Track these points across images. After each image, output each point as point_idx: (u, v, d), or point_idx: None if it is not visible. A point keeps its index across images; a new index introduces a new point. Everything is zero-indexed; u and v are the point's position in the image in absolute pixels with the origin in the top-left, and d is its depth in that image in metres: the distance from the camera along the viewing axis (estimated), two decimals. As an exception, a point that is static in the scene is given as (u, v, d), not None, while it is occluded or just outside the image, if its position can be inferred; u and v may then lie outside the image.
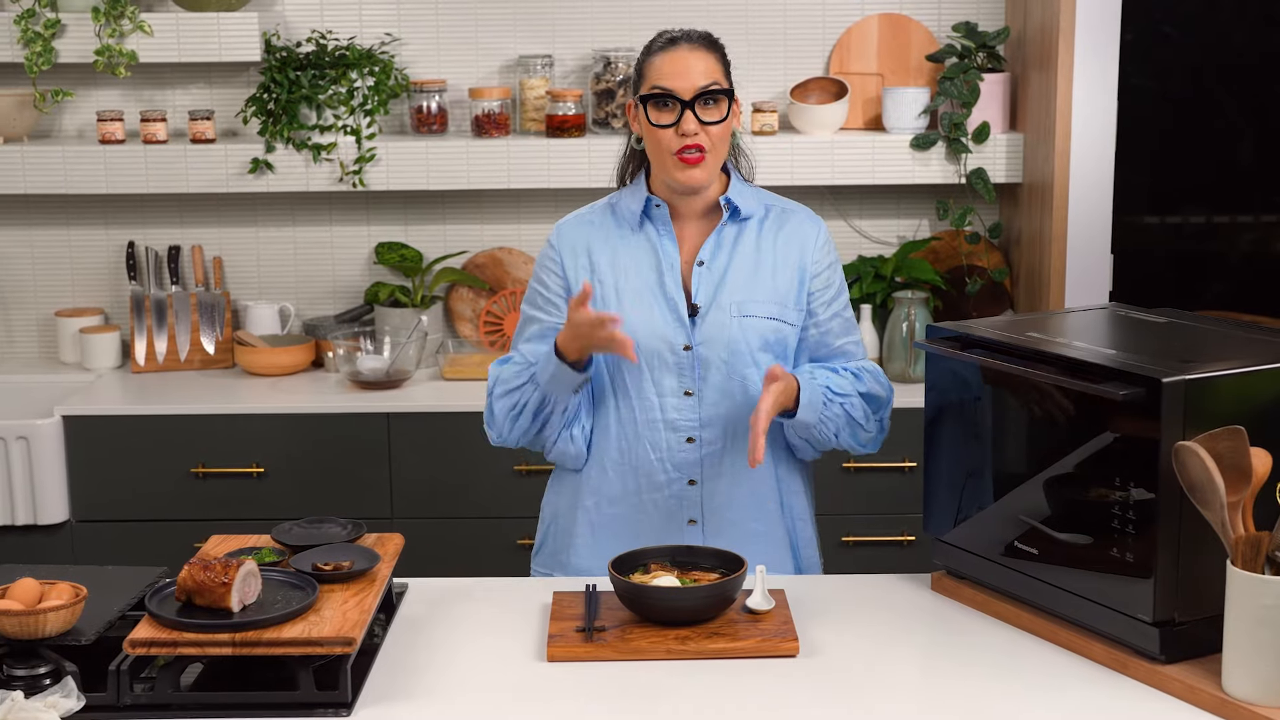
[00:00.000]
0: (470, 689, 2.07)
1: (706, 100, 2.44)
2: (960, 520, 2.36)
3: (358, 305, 4.14)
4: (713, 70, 2.47)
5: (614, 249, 2.54)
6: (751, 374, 2.50)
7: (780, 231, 2.55)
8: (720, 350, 2.49)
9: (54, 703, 1.94)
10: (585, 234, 2.57)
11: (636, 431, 2.52)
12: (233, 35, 3.81)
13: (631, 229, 2.54)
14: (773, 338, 2.51)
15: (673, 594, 2.20)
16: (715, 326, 2.49)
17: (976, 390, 2.31)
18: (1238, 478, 1.94)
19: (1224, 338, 2.26)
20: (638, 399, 2.52)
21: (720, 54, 2.51)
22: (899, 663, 2.16)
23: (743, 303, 2.50)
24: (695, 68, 2.45)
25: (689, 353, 2.49)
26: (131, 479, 3.66)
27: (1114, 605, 2.09)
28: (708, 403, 2.50)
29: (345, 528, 2.38)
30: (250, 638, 1.98)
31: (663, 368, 2.50)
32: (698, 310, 2.50)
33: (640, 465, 2.53)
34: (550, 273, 2.57)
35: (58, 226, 4.13)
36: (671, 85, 2.44)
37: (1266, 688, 1.91)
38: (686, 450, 2.52)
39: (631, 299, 2.50)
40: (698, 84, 2.44)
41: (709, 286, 2.50)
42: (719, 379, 2.50)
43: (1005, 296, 4.04)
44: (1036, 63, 3.80)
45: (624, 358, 2.42)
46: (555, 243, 2.58)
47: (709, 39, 2.51)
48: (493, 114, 3.92)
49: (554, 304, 2.56)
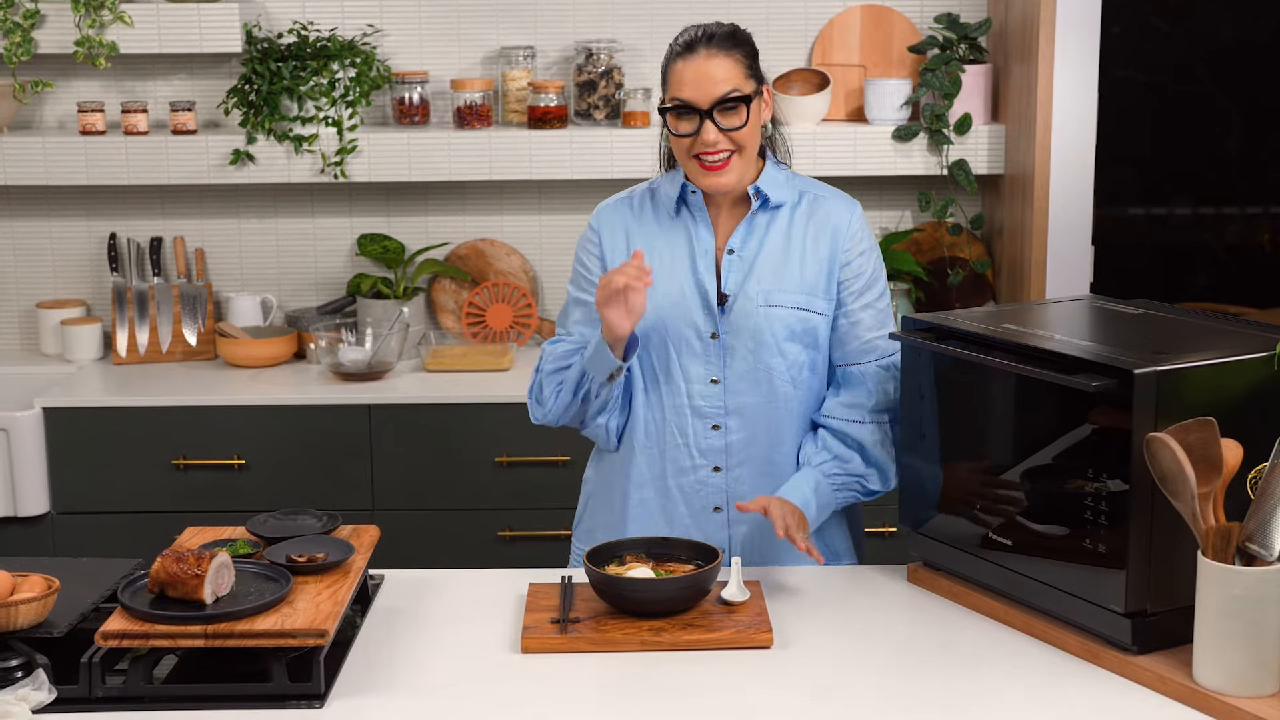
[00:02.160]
0: (444, 681, 2.07)
1: (726, 107, 2.41)
2: (936, 512, 2.37)
3: (340, 297, 4.13)
4: (733, 74, 2.41)
5: (651, 233, 2.54)
6: (777, 363, 2.49)
7: (811, 219, 2.52)
8: (746, 339, 2.49)
9: (25, 695, 1.94)
10: (624, 217, 2.57)
11: (664, 416, 2.53)
12: (214, 26, 3.80)
13: (670, 215, 2.54)
14: (800, 328, 2.50)
15: (646, 585, 2.20)
16: (742, 315, 2.49)
17: (952, 382, 2.31)
18: (1208, 469, 1.94)
19: (1198, 330, 2.26)
20: (666, 384, 2.52)
21: (743, 50, 2.45)
22: (873, 654, 2.16)
23: (769, 292, 2.49)
24: (713, 75, 2.40)
25: (716, 341, 2.50)
26: (112, 471, 3.65)
27: (1087, 596, 2.09)
28: (733, 391, 2.50)
29: (320, 520, 2.37)
30: (223, 629, 1.98)
31: (690, 354, 2.50)
32: (726, 298, 2.49)
33: (667, 450, 2.54)
34: (590, 254, 2.58)
35: (38, 218, 4.12)
36: (688, 96, 2.41)
37: (1236, 677, 1.92)
38: (713, 437, 2.52)
39: (665, 283, 2.50)
40: (715, 94, 2.40)
41: (738, 275, 2.50)
42: (745, 367, 2.50)
43: (987, 288, 4.05)
44: (1018, 54, 3.80)
45: (650, 342, 2.47)
46: (595, 225, 2.60)
47: (730, 38, 2.44)
48: (474, 105, 3.91)
49: (595, 283, 2.55)
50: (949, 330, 2.32)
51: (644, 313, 2.41)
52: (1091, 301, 2.51)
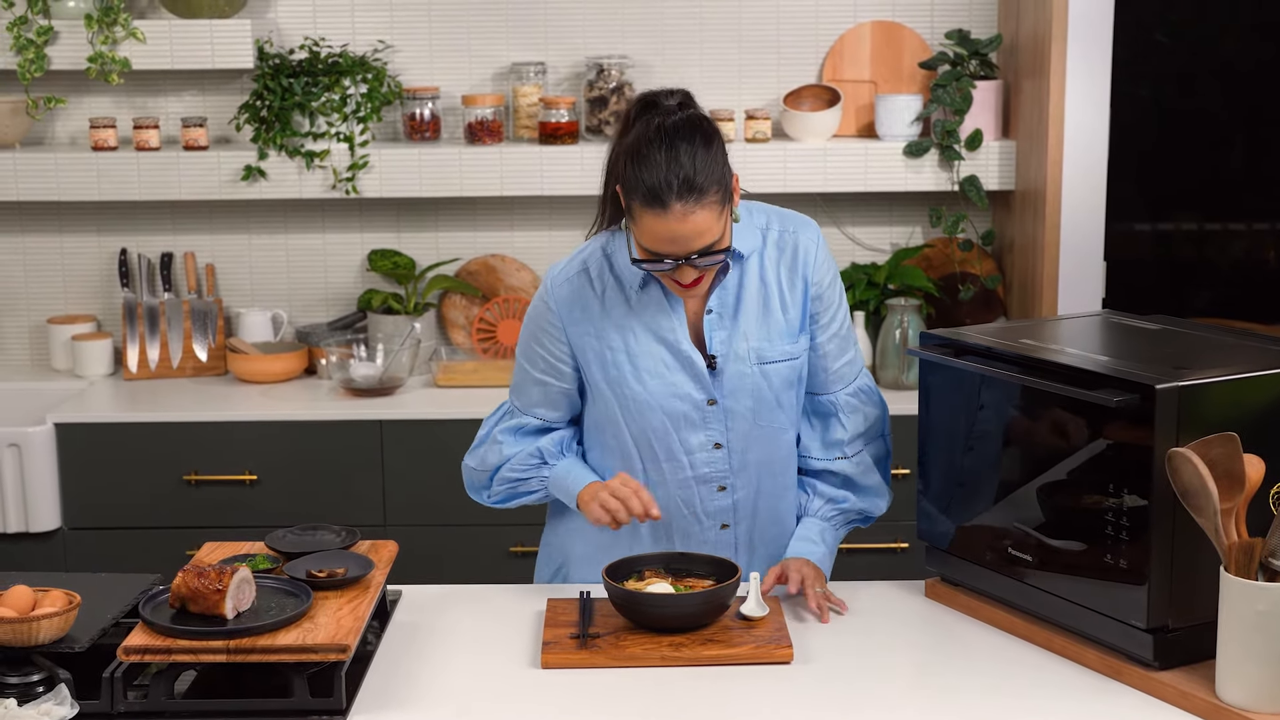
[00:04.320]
0: (464, 696, 2.07)
1: (704, 253, 2.26)
2: (954, 527, 2.36)
3: (350, 312, 4.13)
4: (708, 226, 2.23)
5: (619, 311, 2.39)
6: (778, 416, 2.44)
7: (782, 256, 2.41)
8: (745, 400, 2.41)
9: (47, 710, 1.94)
10: (585, 297, 2.41)
11: (669, 493, 2.45)
12: (225, 42, 3.80)
13: (634, 288, 2.39)
14: (792, 375, 2.44)
15: (666, 600, 2.20)
16: (737, 378, 2.40)
17: (969, 397, 2.31)
18: (1231, 484, 1.94)
19: (1216, 344, 2.26)
20: (667, 462, 2.44)
21: (716, 183, 2.23)
22: (892, 670, 2.16)
23: (760, 349, 2.40)
24: (691, 234, 2.22)
25: (714, 407, 2.41)
26: (124, 486, 3.65)
27: (1108, 612, 2.09)
28: (737, 451, 2.44)
29: (339, 535, 2.37)
30: (244, 645, 1.98)
31: (689, 426, 2.42)
32: (714, 361, 2.40)
33: (675, 522, 2.47)
34: (554, 340, 2.43)
35: (50, 233, 4.13)
36: (664, 251, 2.25)
37: (1260, 694, 1.92)
38: (719, 498, 2.47)
39: (647, 363, 2.39)
40: (694, 248, 2.24)
41: (723, 334, 2.39)
42: (745, 427, 2.43)
43: (998, 304, 4.05)
44: (1029, 70, 3.81)
45: (647, 430, 2.41)
46: (554, 307, 2.42)
47: (702, 180, 2.21)
48: (486, 121, 3.92)
49: (558, 371, 2.45)
50: (966, 345, 2.32)
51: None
52: (1107, 317, 2.51)
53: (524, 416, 2.50)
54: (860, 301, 3.95)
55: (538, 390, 2.48)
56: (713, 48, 4.05)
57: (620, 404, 2.42)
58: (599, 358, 2.41)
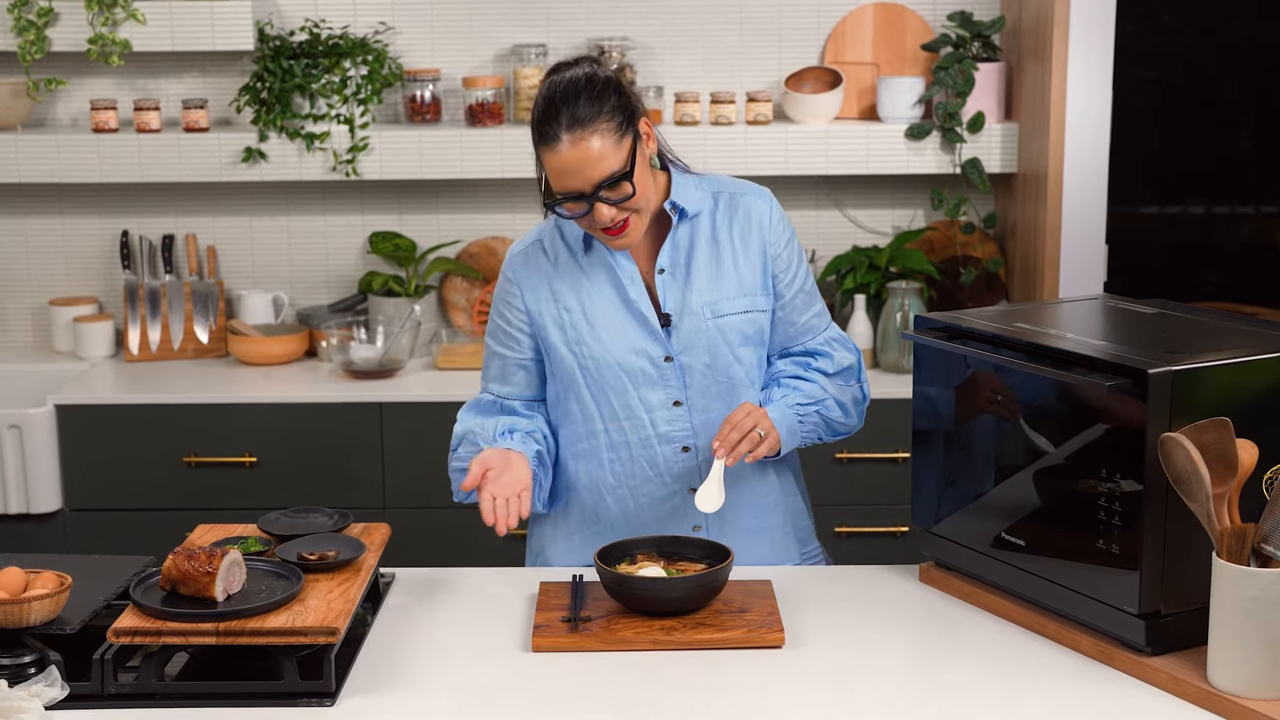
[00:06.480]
0: (454, 679, 2.07)
1: (609, 185, 2.29)
2: (948, 511, 2.36)
3: (351, 295, 4.13)
4: (605, 150, 2.27)
5: (572, 274, 2.46)
6: (736, 371, 2.47)
7: (734, 218, 2.46)
8: (702, 355, 2.44)
9: (38, 692, 1.94)
10: (541, 267, 2.48)
11: (631, 454, 2.48)
12: (226, 24, 3.80)
13: (584, 252, 2.45)
14: (750, 330, 2.47)
15: (658, 584, 2.20)
16: (692, 333, 2.44)
17: (964, 381, 2.31)
18: (1223, 469, 1.93)
19: (1212, 329, 2.25)
20: (628, 420, 2.46)
21: (605, 109, 2.28)
22: (885, 654, 2.15)
23: (714, 303, 2.44)
24: (584, 160, 2.27)
25: (670, 364, 2.44)
26: (124, 468, 3.66)
27: (1100, 597, 2.08)
28: (697, 409, 2.46)
29: (331, 517, 2.37)
30: (234, 627, 1.98)
31: (647, 383, 2.45)
32: (669, 319, 2.44)
33: (640, 485, 2.49)
34: (511, 308, 2.50)
35: (51, 215, 4.13)
36: (569, 186, 2.30)
37: (1251, 679, 1.91)
38: (683, 459, 2.48)
39: (602, 320, 2.44)
40: (594, 178, 2.28)
41: (676, 292, 2.44)
42: (704, 383, 2.45)
43: (1000, 287, 4.04)
44: (1031, 52, 3.79)
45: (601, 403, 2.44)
46: (512, 276, 2.49)
47: (588, 101, 2.27)
48: (486, 103, 3.91)
49: (516, 340, 2.50)
50: (962, 329, 2.31)
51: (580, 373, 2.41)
52: (1105, 301, 2.49)
53: (483, 393, 2.57)
54: (861, 284, 3.94)
55: (496, 363, 2.55)
56: (714, 29, 4.04)
57: (580, 364, 2.46)
58: (556, 321, 2.46)
